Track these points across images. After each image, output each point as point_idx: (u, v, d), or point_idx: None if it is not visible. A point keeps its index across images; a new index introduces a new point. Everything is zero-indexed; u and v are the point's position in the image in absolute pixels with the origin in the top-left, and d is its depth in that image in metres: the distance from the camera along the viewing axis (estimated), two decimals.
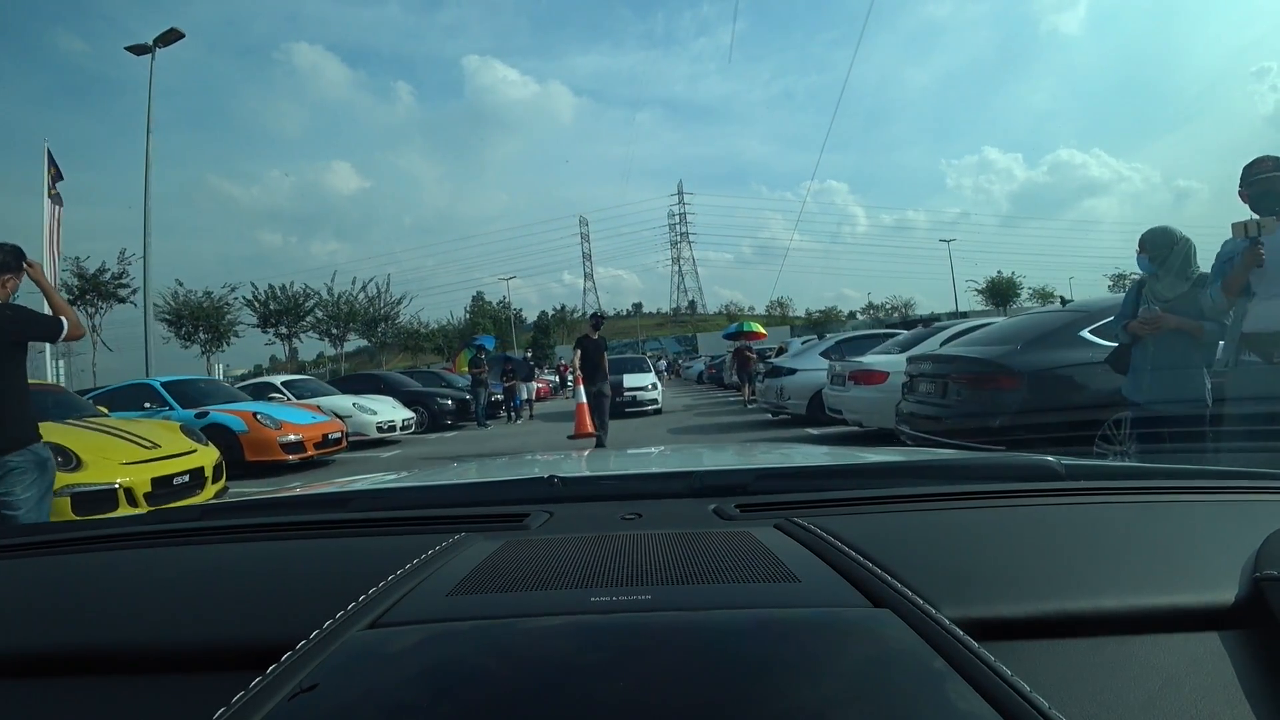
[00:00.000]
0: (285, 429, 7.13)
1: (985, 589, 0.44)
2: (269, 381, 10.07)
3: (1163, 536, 0.54)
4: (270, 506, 0.90)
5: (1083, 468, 0.79)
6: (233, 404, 7.55)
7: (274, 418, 7.18)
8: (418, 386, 12.43)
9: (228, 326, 30.37)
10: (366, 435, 9.25)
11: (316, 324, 34.26)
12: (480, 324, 49.31)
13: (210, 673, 0.42)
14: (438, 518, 0.71)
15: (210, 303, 29.66)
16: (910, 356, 5.13)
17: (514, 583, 0.46)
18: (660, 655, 0.35)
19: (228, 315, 30.36)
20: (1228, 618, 0.41)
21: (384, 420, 9.52)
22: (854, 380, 6.33)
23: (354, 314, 35.40)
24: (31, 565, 0.65)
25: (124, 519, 0.91)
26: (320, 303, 34.18)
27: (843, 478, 0.87)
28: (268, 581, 0.55)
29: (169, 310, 29.14)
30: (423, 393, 11.94)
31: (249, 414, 7.11)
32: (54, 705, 0.41)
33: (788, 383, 8.32)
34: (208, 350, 29.90)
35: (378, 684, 0.34)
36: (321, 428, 7.62)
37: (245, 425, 6.97)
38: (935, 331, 6.56)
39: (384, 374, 13.93)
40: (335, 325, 34.87)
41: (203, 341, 29.90)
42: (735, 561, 0.48)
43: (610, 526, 0.64)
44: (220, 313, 29.91)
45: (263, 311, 32.01)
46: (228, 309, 30.46)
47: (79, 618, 0.50)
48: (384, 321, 38.14)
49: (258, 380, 10.24)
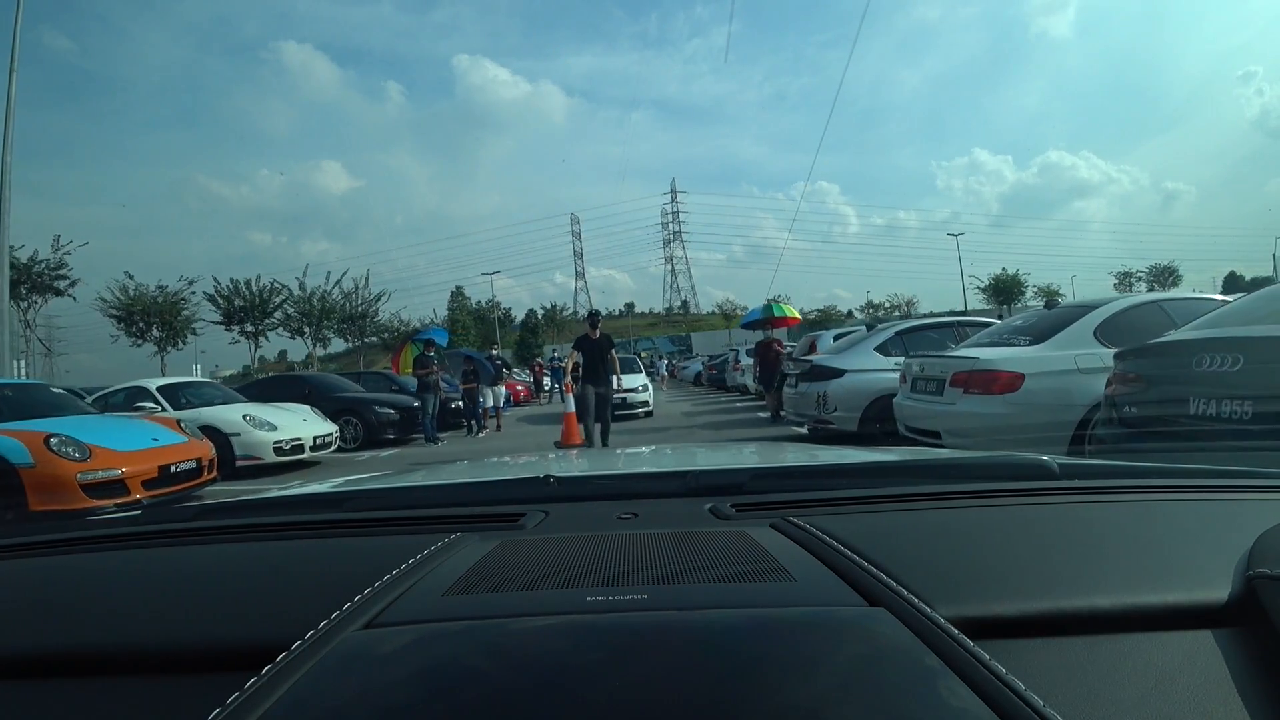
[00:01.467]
0: (98, 460, 4.60)
1: (980, 588, 0.44)
2: (141, 386, 7.58)
3: (1156, 535, 0.54)
4: (265, 507, 0.90)
5: (1077, 467, 0.80)
6: (19, 423, 4.83)
7: (81, 442, 4.59)
8: (356, 391, 10.08)
9: (184, 323, 27.90)
10: (260, 459, 6.88)
11: (287, 321, 31.49)
12: (460, 322, 46.62)
13: (205, 674, 0.41)
14: (433, 518, 0.70)
15: (165, 298, 27.16)
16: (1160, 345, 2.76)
17: (510, 583, 0.46)
18: (656, 655, 0.35)
19: (184, 311, 27.89)
20: (1221, 616, 0.41)
21: (286, 438, 7.05)
22: (962, 386, 4.04)
23: (328, 311, 32.54)
24: (25, 566, 0.64)
25: (118, 519, 0.91)
26: (290, 299, 31.26)
27: (838, 477, 0.86)
28: (262, 582, 0.55)
29: (118, 306, 26.62)
30: (358, 400, 9.46)
31: (38, 437, 4.50)
32: (49, 707, 0.41)
33: (833, 389, 6.03)
34: (162, 349, 27.39)
35: (373, 685, 0.34)
36: (162, 455, 5.08)
37: (30, 455, 4.42)
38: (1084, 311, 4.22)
39: (312, 376, 11.68)
40: (308, 323, 31.92)
41: (156, 340, 27.36)
42: (731, 561, 0.48)
43: (606, 526, 0.64)
44: (175, 309, 27.43)
45: (226, 308, 29.17)
46: (184, 304, 27.97)
47: (73, 618, 0.49)
48: (362, 319, 35.28)
49: (128, 385, 7.81)
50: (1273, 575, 0.41)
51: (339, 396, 9.44)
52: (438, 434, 9.26)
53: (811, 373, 6.40)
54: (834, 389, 6.05)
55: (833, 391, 6.05)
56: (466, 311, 52.34)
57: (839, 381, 6.08)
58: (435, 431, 9.19)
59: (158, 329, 27.23)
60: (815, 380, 6.28)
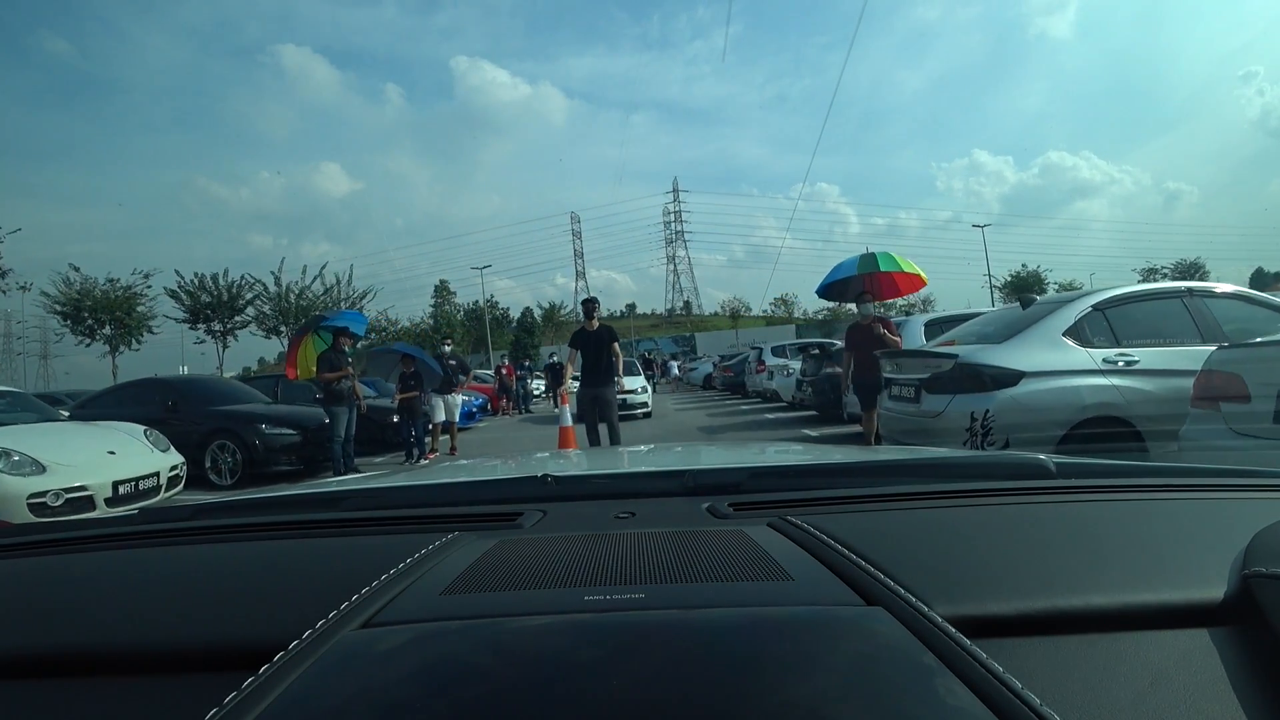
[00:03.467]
0: None
1: (977, 587, 0.43)
2: None
3: (1152, 534, 0.54)
4: (263, 506, 0.89)
5: (1073, 466, 0.79)
6: None
7: None
8: (245, 403, 7.18)
9: (138, 321, 25.22)
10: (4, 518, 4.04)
11: (260, 319, 27.92)
12: (446, 320, 42.74)
13: (203, 673, 0.41)
14: (431, 517, 0.70)
15: (116, 292, 24.51)
16: None
17: (507, 582, 0.46)
18: (654, 654, 0.35)
19: (139, 307, 25.21)
20: (1217, 614, 0.41)
21: (59, 486, 4.13)
22: None
23: (307, 308, 28.34)
24: (21, 565, 0.64)
25: (116, 519, 0.87)
26: (263, 295, 27.83)
27: (836, 476, 0.85)
28: (260, 581, 0.54)
29: (62, 301, 24.01)
30: (239, 416, 6.67)
31: None
32: (48, 707, 0.41)
33: (1004, 404, 3.22)
34: (114, 349, 24.76)
35: (371, 684, 0.33)
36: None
37: None
38: None
39: (183, 380, 8.55)
40: (284, 321, 27.88)
41: (107, 338, 24.72)
42: (729, 560, 0.48)
43: (604, 525, 0.63)
44: (129, 304, 24.77)
45: (191, 304, 26.09)
46: (140, 299, 25.27)
47: (70, 618, 0.49)
48: None
49: None
50: (1268, 574, 0.41)
51: (215, 411, 6.71)
52: (355, 462, 6.48)
53: (953, 377, 3.55)
54: (1006, 404, 3.25)
55: (1003, 409, 3.25)
56: (453, 309, 46.65)
57: (1013, 393, 3.28)
58: (352, 459, 6.41)
59: (110, 327, 24.56)
60: (961, 390, 3.45)
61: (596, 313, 5.40)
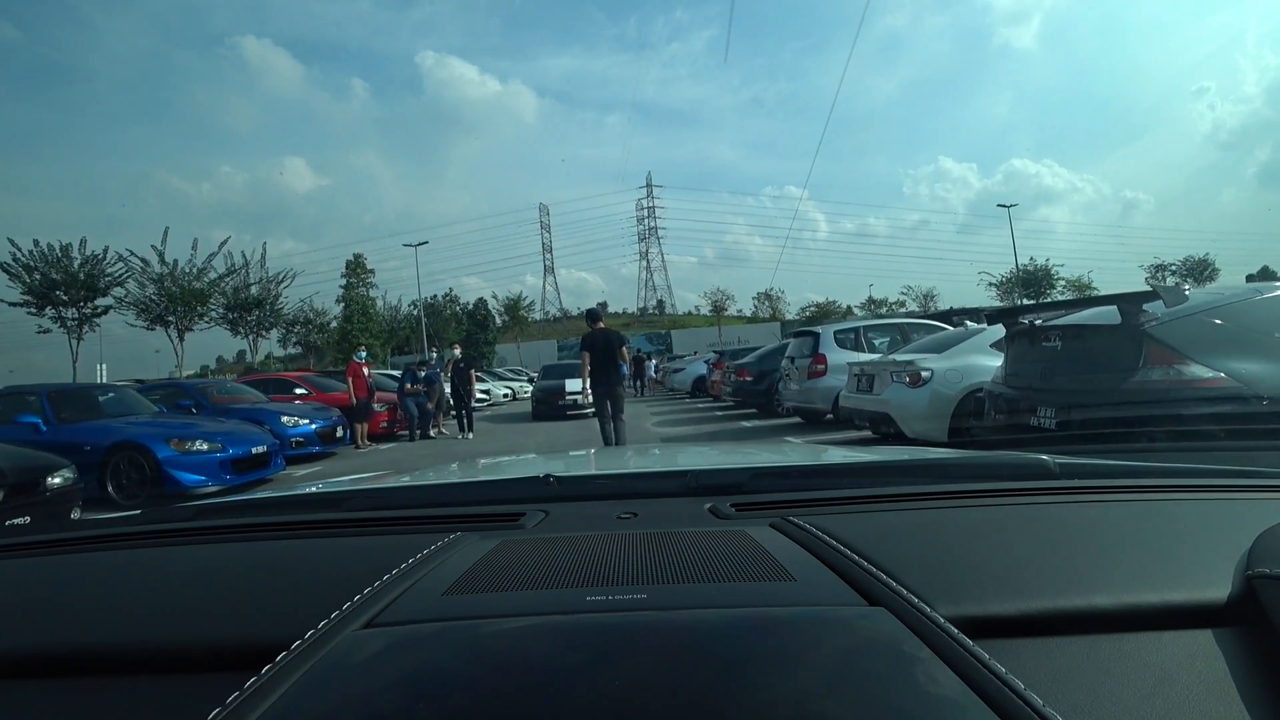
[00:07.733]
0: None
1: (980, 587, 0.44)
2: None
3: (1156, 534, 0.54)
4: (265, 506, 0.89)
5: (1076, 466, 0.79)
6: None
7: None
8: None
9: None
10: None
11: (134, 303, 22.35)
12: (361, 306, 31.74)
13: (205, 673, 0.41)
14: (433, 517, 0.70)
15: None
16: None
17: (509, 582, 0.46)
18: (656, 654, 0.35)
19: None
20: (1220, 615, 0.41)
21: None
22: None
23: (200, 293, 23.45)
24: (22, 565, 0.64)
25: (118, 519, 0.87)
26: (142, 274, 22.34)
27: (838, 477, 0.86)
28: (262, 581, 0.54)
29: None
30: None
31: None
32: (49, 706, 0.41)
33: None
34: None
35: (373, 684, 0.34)
36: None
37: None
38: None
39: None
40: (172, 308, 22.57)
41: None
42: (731, 561, 0.48)
43: (606, 526, 0.63)
44: None
45: (30, 284, 19.94)
46: None
47: (73, 618, 0.49)
48: (256, 306, 26.12)
49: None
50: (1272, 575, 0.41)
51: None
52: None
53: None
54: None
55: None
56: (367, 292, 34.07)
57: None
58: None
59: None
60: None
61: (602, 318, 6.27)
